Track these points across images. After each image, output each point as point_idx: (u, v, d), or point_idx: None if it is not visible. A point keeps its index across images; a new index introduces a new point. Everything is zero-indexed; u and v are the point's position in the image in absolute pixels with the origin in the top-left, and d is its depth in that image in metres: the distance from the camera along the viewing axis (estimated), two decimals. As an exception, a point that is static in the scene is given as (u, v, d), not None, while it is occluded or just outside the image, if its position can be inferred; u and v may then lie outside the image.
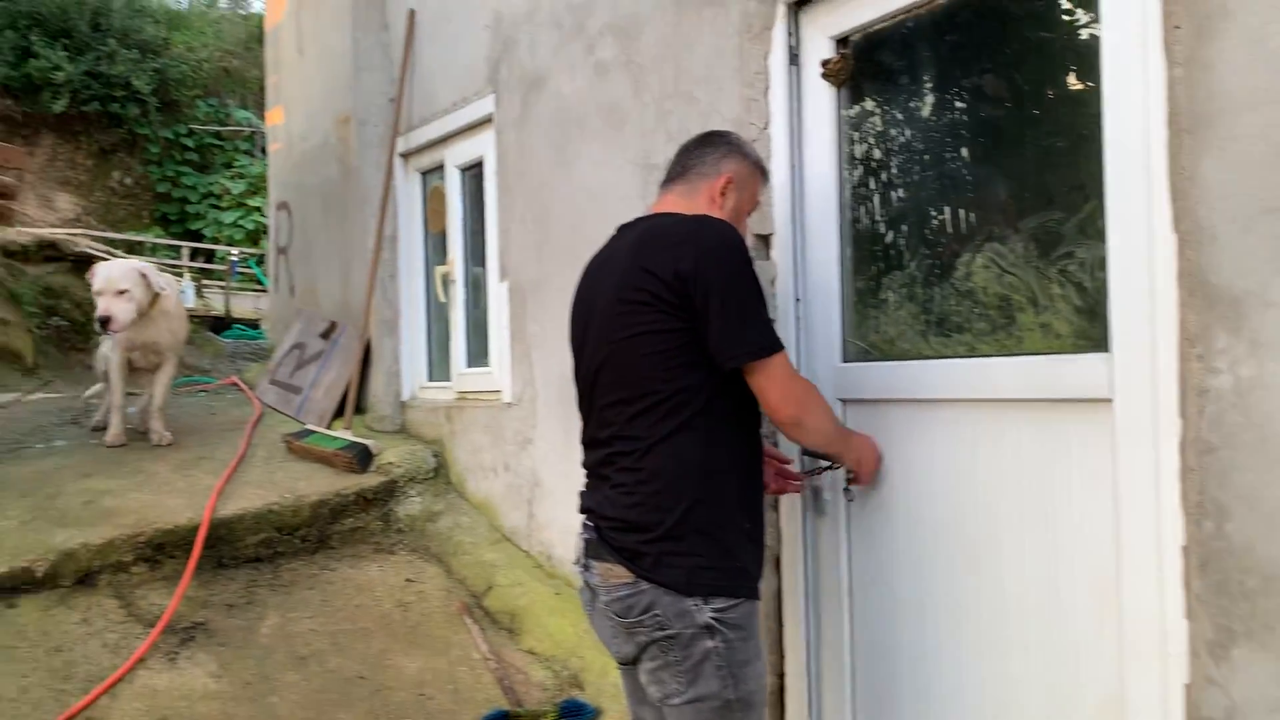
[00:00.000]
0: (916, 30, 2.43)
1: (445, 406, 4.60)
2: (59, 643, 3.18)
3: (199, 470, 4.36)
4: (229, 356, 8.57)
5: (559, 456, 3.70)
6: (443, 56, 4.62)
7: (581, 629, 3.29)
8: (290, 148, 6.62)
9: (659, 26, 3.18)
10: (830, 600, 2.61)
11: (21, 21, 16.79)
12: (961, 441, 2.26)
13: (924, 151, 2.42)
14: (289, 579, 3.85)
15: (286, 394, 5.60)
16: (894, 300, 2.46)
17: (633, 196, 3.30)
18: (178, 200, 19.34)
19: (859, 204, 2.57)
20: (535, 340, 3.88)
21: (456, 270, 4.67)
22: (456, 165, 4.64)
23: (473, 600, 3.77)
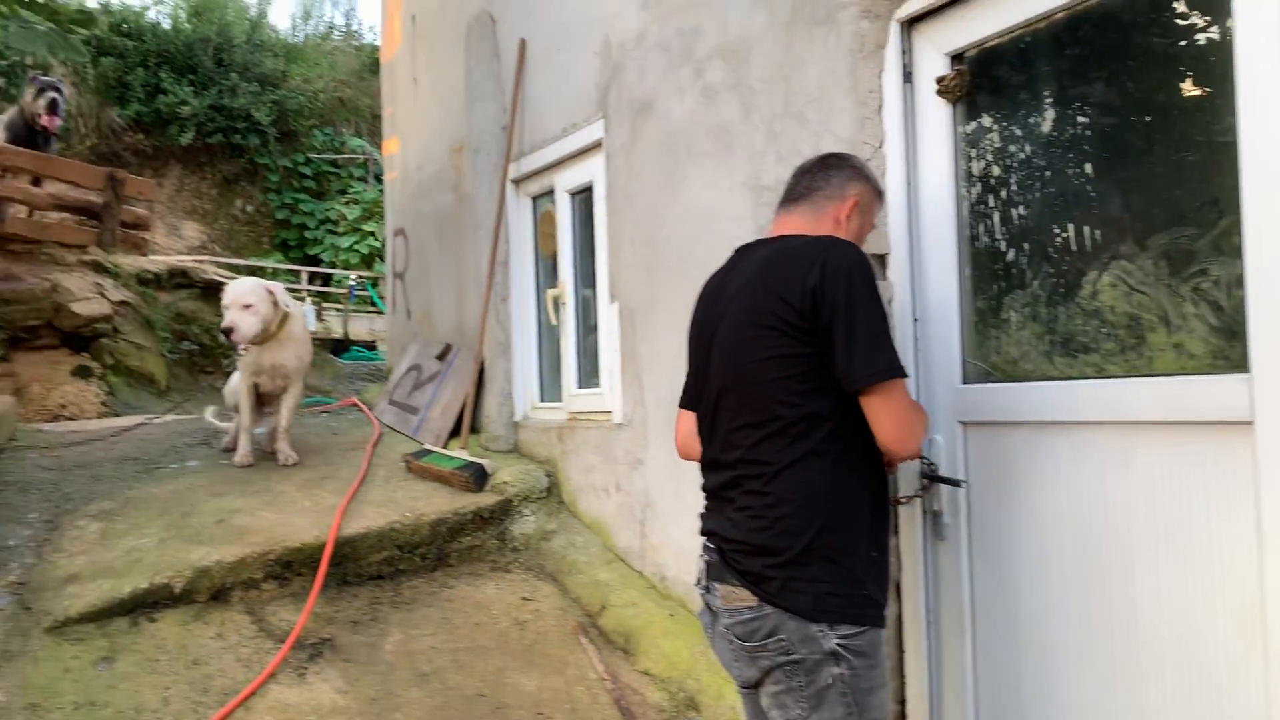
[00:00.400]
0: (1035, 44, 2.38)
1: (557, 427, 4.67)
2: (196, 656, 3.32)
3: (323, 489, 4.51)
4: (347, 377, 8.87)
5: (670, 477, 3.71)
6: (553, 84, 4.71)
7: (696, 651, 3.29)
8: (406, 176, 6.83)
9: (769, 48, 3.19)
10: (952, 627, 2.56)
11: (151, 60, 17.75)
12: (1089, 464, 2.20)
13: (1045, 167, 2.36)
14: (410, 596, 3.95)
15: (404, 414, 5.76)
16: (1016, 320, 2.41)
17: (744, 217, 3.31)
18: (296, 226, 20.11)
19: (978, 222, 2.53)
20: (645, 361, 3.91)
21: (567, 293, 4.74)
22: (567, 190, 4.72)
23: (587, 620, 3.80)
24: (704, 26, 3.53)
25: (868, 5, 2.75)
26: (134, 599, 3.49)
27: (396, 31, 7.05)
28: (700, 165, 3.57)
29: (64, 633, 3.31)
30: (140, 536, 3.92)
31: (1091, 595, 2.20)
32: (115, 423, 6.40)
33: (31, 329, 7.13)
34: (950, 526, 2.53)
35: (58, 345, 7.33)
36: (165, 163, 18.62)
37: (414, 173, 6.61)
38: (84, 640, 3.30)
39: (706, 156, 3.53)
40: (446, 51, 5.87)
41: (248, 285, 4.69)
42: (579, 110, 4.45)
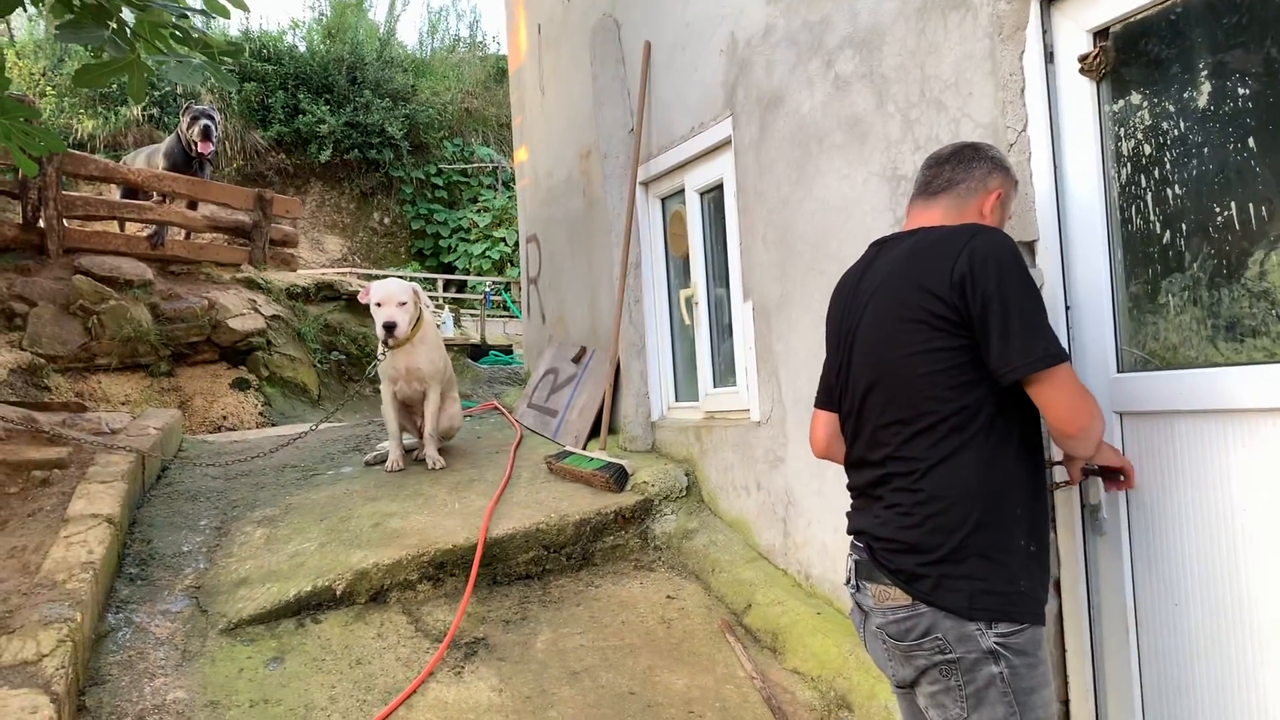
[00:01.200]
0: (1186, 14, 2.27)
1: (694, 426, 4.69)
2: (359, 656, 3.47)
3: (471, 492, 4.65)
4: (486, 382, 9.10)
5: (812, 475, 3.69)
6: (678, 84, 4.73)
7: (845, 649, 3.26)
8: (536, 183, 6.96)
9: (901, 35, 3.13)
10: (1115, 625, 2.46)
11: (290, 82, 18.57)
12: (1260, 455, 2.09)
13: (1202, 143, 2.25)
14: (557, 595, 4.03)
15: (543, 417, 5.88)
16: (1175, 305, 2.31)
17: (881, 209, 3.26)
18: (431, 236, 20.74)
19: (1129, 204, 2.43)
20: (781, 359, 3.89)
21: (700, 292, 4.75)
22: (695, 189, 4.73)
23: (733, 618, 3.81)
24: (832, 17, 3.49)
25: (1004, -14, 2.67)
26: (299, 601, 3.67)
27: (522, 41, 7.19)
28: (832, 158, 3.53)
29: (237, 634, 3.51)
30: (302, 541, 4.12)
31: (1273, 594, 2.09)
32: (274, 432, 6.75)
33: (192, 345, 7.58)
34: (1109, 521, 2.44)
35: (216, 360, 7.78)
36: (306, 180, 19.46)
37: (544, 179, 6.74)
38: (255, 641, 3.50)
39: (839, 149, 3.49)
40: (572, 58, 5.96)
41: (399, 284, 4.87)
42: (706, 109, 4.46)
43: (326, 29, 20.42)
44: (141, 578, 3.89)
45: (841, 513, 3.50)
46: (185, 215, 8.18)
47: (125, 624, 3.52)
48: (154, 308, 7.38)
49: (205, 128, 7.98)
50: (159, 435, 5.22)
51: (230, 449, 5.90)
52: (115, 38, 3.35)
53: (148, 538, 4.26)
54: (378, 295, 4.79)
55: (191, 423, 7.21)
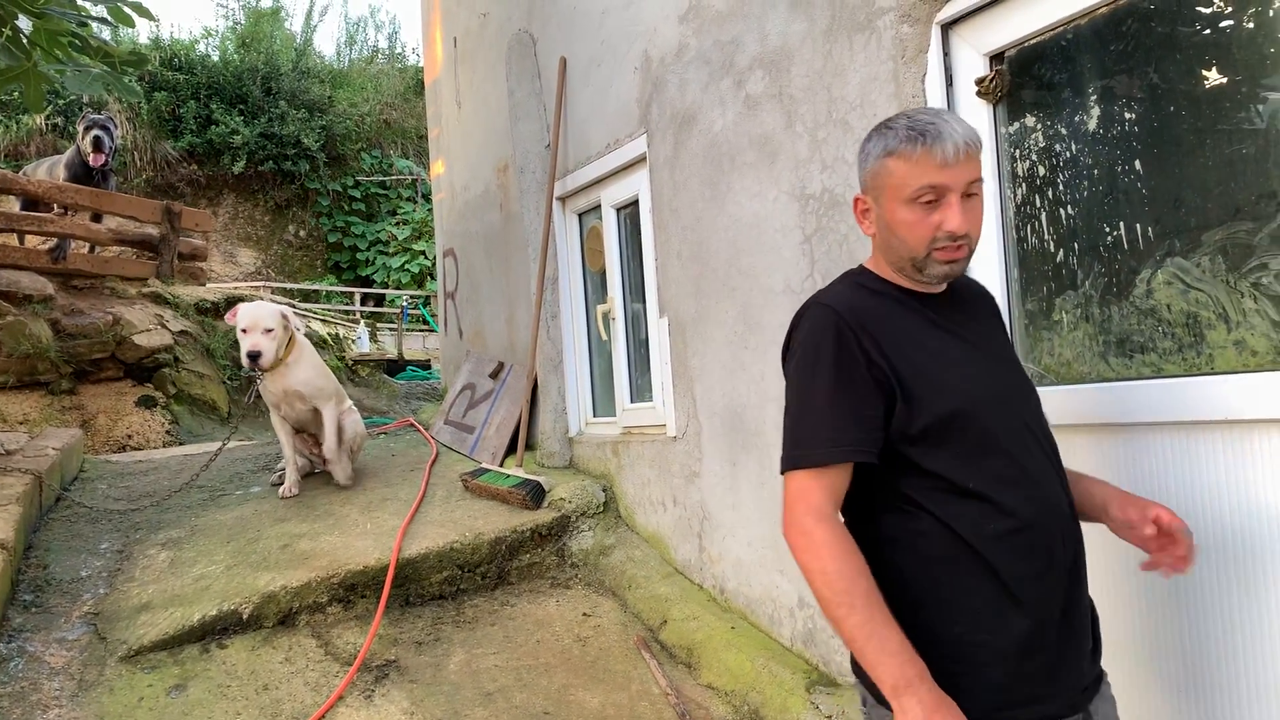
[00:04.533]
0: (1077, 40, 2.35)
1: (611, 441, 4.69)
2: (265, 681, 3.39)
3: (384, 511, 4.57)
4: (403, 397, 8.98)
5: (726, 489, 3.71)
6: (594, 101, 4.74)
7: (759, 664, 3.28)
8: (453, 197, 6.91)
9: (809, 57, 3.19)
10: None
11: (202, 92, 18.15)
12: (1150, 467, 2.16)
13: (1093, 165, 2.33)
14: (472, 615, 3.98)
15: (460, 433, 5.82)
16: (1068, 321, 2.38)
17: (790, 227, 3.30)
18: (348, 248, 20.42)
19: (1024, 223, 2.50)
20: (697, 374, 3.92)
21: (617, 308, 4.76)
22: (612, 205, 4.74)
23: (649, 634, 3.81)
24: (743, 38, 3.54)
25: (907, 10, 2.74)
26: (204, 626, 3.57)
27: (438, 54, 7.14)
28: (744, 176, 3.57)
29: (138, 661, 3.40)
30: (208, 564, 4.00)
31: (1160, 597, 2.16)
32: (181, 451, 6.56)
33: (96, 362, 7.33)
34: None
35: (122, 377, 7.53)
36: (219, 192, 19.01)
37: (461, 193, 6.69)
38: (157, 668, 3.38)
39: (750, 167, 3.53)
40: (488, 71, 5.93)
41: (267, 309, 4.66)
42: (621, 125, 4.48)
43: (241, 38, 20.02)
44: (37, 605, 3.74)
45: (755, 526, 3.54)
46: (89, 228, 7.91)
47: (18, 653, 3.38)
48: (55, 323, 7.12)
49: (96, 138, 7.66)
50: (58, 456, 5.04)
51: (135, 469, 5.72)
52: (9, 45, 3.25)
53: (44, 563, 4.10)
54: (244, 320, 4.56)
55: (94, 442, 6.97)
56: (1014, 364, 1.82)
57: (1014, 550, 1.62)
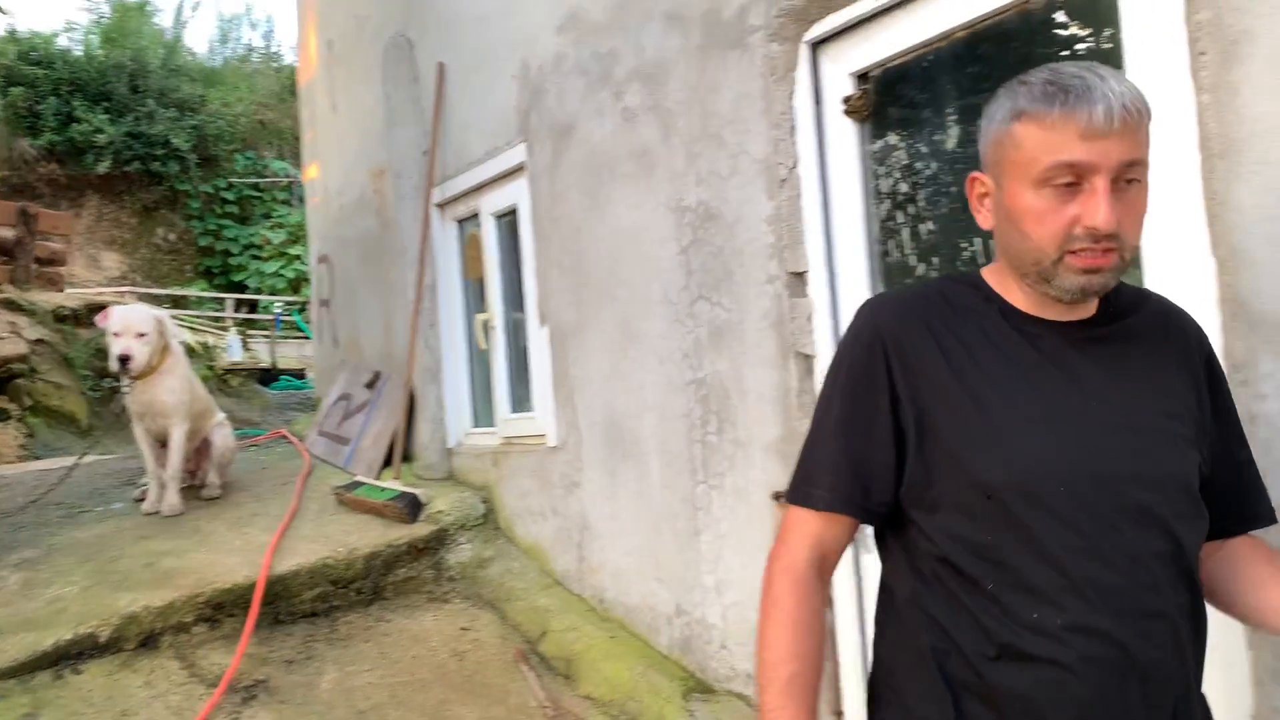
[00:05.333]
0: (937, 62, 2.44)
1: (491, 452, 4.65)
2: (124, 707, 3.24)
3: (254, 527, 4.43)
4: (276, 408, 8.72)
5: (605, 499, 3.72)
6: (473, 107, 4.70)
7: (637, 672, 3.29)
8: (328, 202, 6.75)
9: (684, 71, 3.22)
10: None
11: (63, 88, 17.31)
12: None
13: (951, 183, 2.42)
14: (346, 632, 3.89)
15: (335, 445, 5.68)
16: (931, 333, 2.47)
17: (667, 238, 3.33)
18: (220, 253, 19.76)
19: (889, 238, 2.58)
20: (577, 384, 3.91)
21: (496, 317, 4.72)
22: (491, 213, 4.71)
23: (528, 646, 3.78)
24: (620, 50, 3.56)
25: (777, 29, 2.80)
26: (58, 651, 3.38)
27: (313, 55, 6.97)
28: (623, 187, 3.58)
29: (-16, 691, 3.21)
30: (64, 585, 3.80)
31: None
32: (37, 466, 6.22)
33: (-57, 373, 6.91)
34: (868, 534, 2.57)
35: (-28, 388, 7.12)
36: (82, 193, 18.16)
37: (336, 198, 6.54)
38: (5, 697, 3.20)
39: (629, 178, 3.55)
40: (364, 75, 5.82)
41: (142, 311, 4.50)
42: (500, 133, 4.45)
43: (105, 32, 19.18)
44: None
45: (634, 535, 3.56)
46: (-66, 230, 7.47)
47: None
48: (-106, 332, 6.69)
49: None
50: (-105, 474, 4.72)
51: (-17, 486, 5.40)
52: None
53: (-122, 589, 3.84)
54: (116, 324, 4.38)
55: (-60, 458, 6.56)
56: (1164, 435, 1.29)
57: (1031, 698, 1.21)
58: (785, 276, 2.80)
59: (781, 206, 2.80)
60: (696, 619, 3.23)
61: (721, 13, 3.03)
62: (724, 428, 3.09)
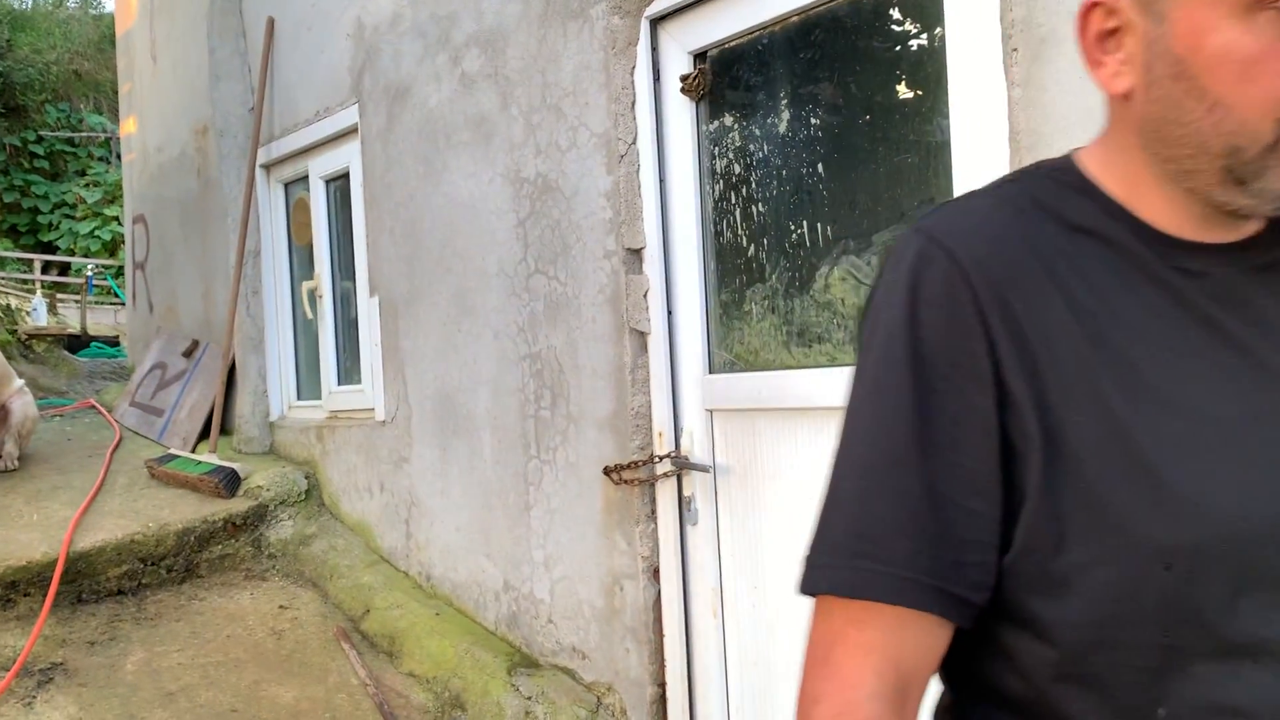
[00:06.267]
0: (771, 46, 2.48)
1: (316, 426, 4.49)
2: (-100, 695, 2.99)
3: (54, 501, 4.14)
4: (86, 377, 8.16)
5: (435, 474, 3.65)
6: (304, 66, 4.50)
7: (461, 649, 3.25)
8: (146, 159, 6.35)
9: (524, 40, 3.17)
10: (705, 608, 2.64)
11: None
12: (825, 449, 2.32)
13: (781, 166, 2.47)
14: (155, 611, 3.69)
15: (148, 416, 5.37)
16: (757, 312, 2.52)
17: (504, 210, 3.28)
18: (28, 210, 18.38)
19: (721, 218, 2.62)
20: (409, 356, 3.82)
21: (324, 285, 4.55)
22: (321, 177, 4.53)
23: (350, 624, 3.68)
24: (460, 13, 3.47)
25: (618, 2, 2.78)
26: None
27: (133, 2, 6.54)
28: (460, 155, 3.50)
29: None
30: None
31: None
32: None
33: None
34: (701, 512, 2.62)
35: None
36: None
37: (154, 155, 6.16)
38: None
39: (466, 146, 3.47)
40: (188, 26, 5.49)
41: None
42: (333, 94, 4.28)
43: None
44: None
45: (464, 511, 3.51)
46: None
47: None
48: None
49: None
50: None
51: None
52: None
53: None
54: None
55: None
56: None
57: None
58: (622, 252, 2.80)
59: (620, 182, 2.80)
60: (525, 594, 3.22)
61: (563, -18, 2.99)
62: (557, 403, 3.07)
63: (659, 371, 2.72)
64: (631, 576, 2.79)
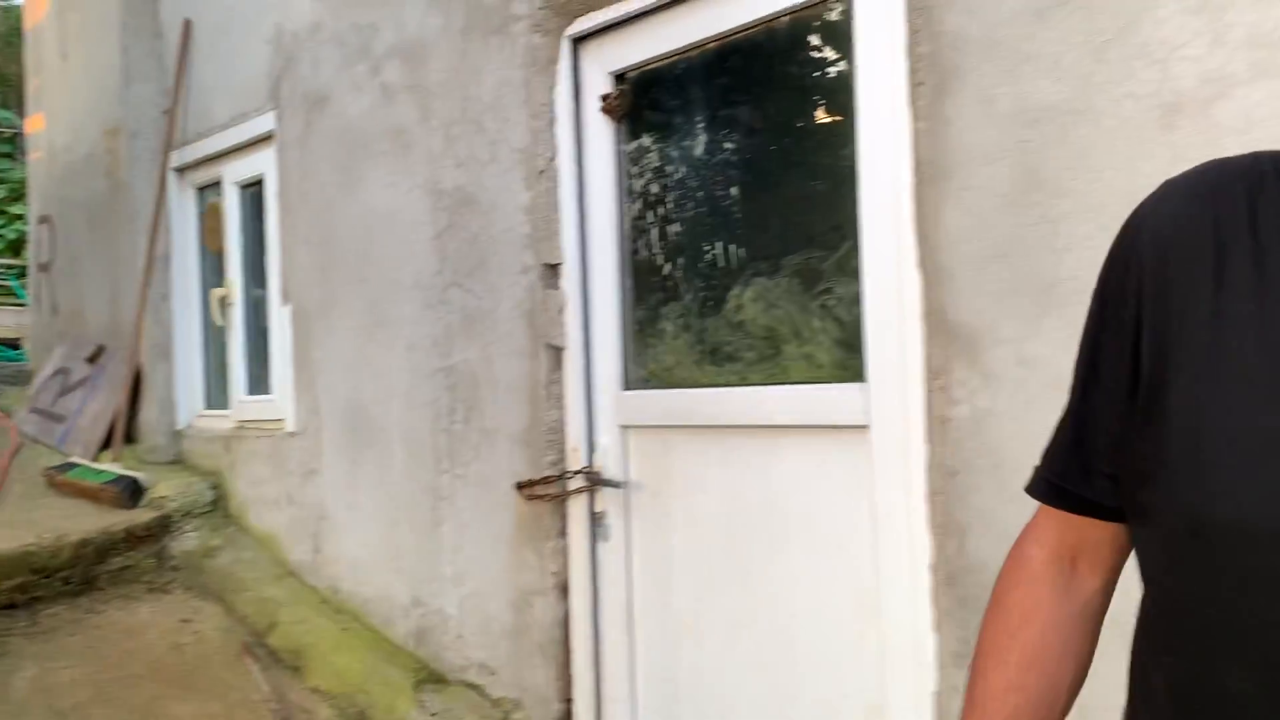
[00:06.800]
0: (691, 70, 2.53)
1: (224, 436, 4.39)
2: None
3: (-58, 510, 3.99)
4: (-17, 381, 7.87)
5: (346, 486, 3.60)
6: (221, 70, 4.43)
7: (368, 664, 3.21)
8: (53, 158, 6.16)
9: (446, 53, 3.17)
10: (614, 624, 2.66)
11: None
12: (736, 466, 2.37)
13: (698, 188, 2.51)
14: (49, 625, 3.57)
15: (48, 423, 5.19)
16: (672, 330, 2.55)
17: (422, 221, 3.26)
18: (-76, 206, 17.60)
19: (638, 236, 2.65)
20: (320, 367, 3.77)
21: (235, 292, 4.47)
22: (235, 182, 4.45)
23: (255, 639, 3.60)
24: (381, 24, 3.45)
25: (540, 20, 2.80)
26: None
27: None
28: (379, 165, 3.48)
29: None
30: None
31: (740, 589, 2.37)
32: None
33: None
34: (613, 527, 2.63)
35: None
36: None
37: (62, 154, 5.98)
38: None
39: (385, 156, 3.45)
40: (100, 23, 5.35)
41: None
42: (250, 99, 4.21)
43: None
44: None
45: (374, 525, 3.47)
46: None
47: None
48: None
49: None
50: None
51: None
52: None
53: None
54: None
55: None
56: None
57: None
58: (540, 268, 2.81)
59: (539, 197, 2.81)
60: (434, 609, 3.19)
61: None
62: (471, 417, 3.06)
63: (574, 387, 2.74)
64: (541, 592, 2.79)
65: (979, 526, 1.89)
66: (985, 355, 1.87)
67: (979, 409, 1.88)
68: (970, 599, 1.89)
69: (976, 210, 1.90)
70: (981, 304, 1.88)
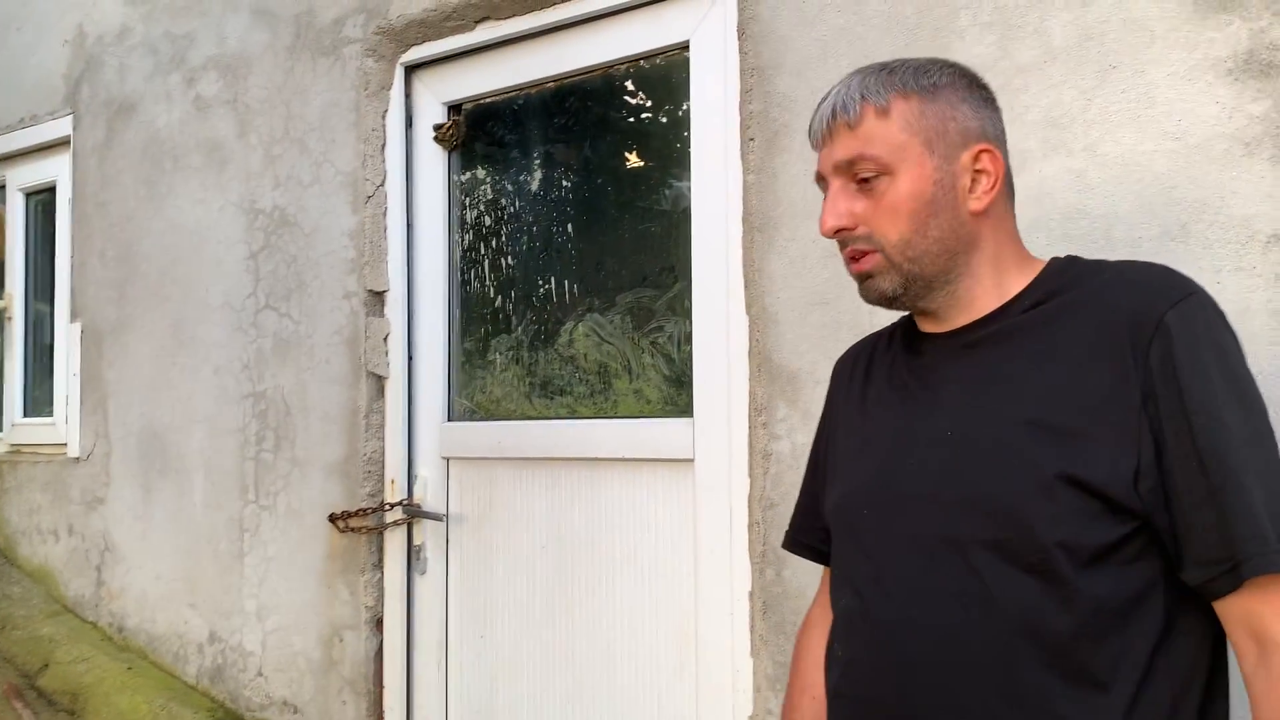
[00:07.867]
0: (528, 107, 2.57)
1: (-5, 460, 4.04)
2: None
3: None
4: None
5: (136, 517, 3.39)
6: (10, 68, 4.12)
7: (157, 705, 3.01)
8: None
9: (270, 70, 3.08)
10: (428, 659, 2.62)
11: None
12: (563, 499, 2.40)
13: (533, 222, 2.55)
14: None
15: None
16: (501, 362, 2.57)
17: (236, 240, 3.14)
18: None
19: (469, 268, 2.66)
20: (114, 388, 3.54)
21: (15, 306, 4.13)
22: (21, 188, 4.13)
23: (25, 681, 3.31)
24: (199, 35, 3.32)
25: (373, 45, 2.78)
26: None
27: None
28: (189, 180, 3.33)
29: None
30: None
31: (561, 620, 2.39)
32: None
33: None
34: (431, 561, 2.61)
35: None
36: None
37: None
38: None
39: (196, 171, 3.30)
40: None
41: None
42: (43, 101, 3.94)
43: None
44: None
45: (168, 558, 3.27)
46: None
47: None
48: None
49: None
50: None
51: None
52: None
53: None
54: None
55: None
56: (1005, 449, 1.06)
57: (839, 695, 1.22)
58: (364, 294, 2.76)
59: (365, 223, 2.76)
60: (233, 646, 3.04)
61: (316, 17, 2.95)
62: (281, 445, 2.96)
63: (395, 417, 2.70)
64: (353, 627, 2.72)
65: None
66: (805, 394, 1.99)
67: (798, 444, 2.00)
68: (786, 624, 1.99)
69: (800, 259, 2.02)
70: (803, 346, 2.00)
